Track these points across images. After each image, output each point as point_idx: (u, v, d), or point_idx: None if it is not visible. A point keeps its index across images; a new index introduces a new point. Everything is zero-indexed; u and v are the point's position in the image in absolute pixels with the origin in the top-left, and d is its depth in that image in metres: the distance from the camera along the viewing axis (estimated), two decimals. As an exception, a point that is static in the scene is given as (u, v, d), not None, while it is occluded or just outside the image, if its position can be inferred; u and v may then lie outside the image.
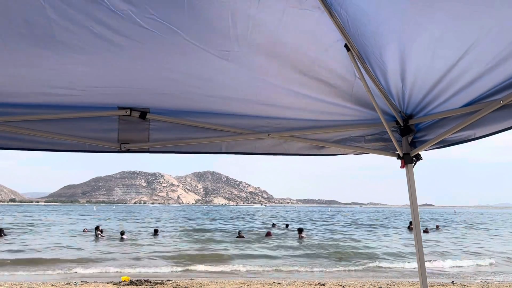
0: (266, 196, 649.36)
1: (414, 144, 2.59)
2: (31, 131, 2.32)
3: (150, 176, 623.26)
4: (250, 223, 46.50)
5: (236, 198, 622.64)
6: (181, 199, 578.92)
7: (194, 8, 1.68)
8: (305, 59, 2.05)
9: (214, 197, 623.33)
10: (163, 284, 11.40)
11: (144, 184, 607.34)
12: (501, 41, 1.65)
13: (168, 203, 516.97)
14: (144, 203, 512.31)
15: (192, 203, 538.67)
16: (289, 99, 2.39)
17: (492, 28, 1.60)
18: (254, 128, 2.59)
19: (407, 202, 2.67)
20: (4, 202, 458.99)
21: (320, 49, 1.99)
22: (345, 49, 1.94)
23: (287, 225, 37.26)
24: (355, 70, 2.11)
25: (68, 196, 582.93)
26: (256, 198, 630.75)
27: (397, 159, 2.63)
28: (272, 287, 11.10)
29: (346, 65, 2.07)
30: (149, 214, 75.38)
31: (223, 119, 2.53)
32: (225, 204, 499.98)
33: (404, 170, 2.61)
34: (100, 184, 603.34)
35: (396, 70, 2.06)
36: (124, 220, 50.31)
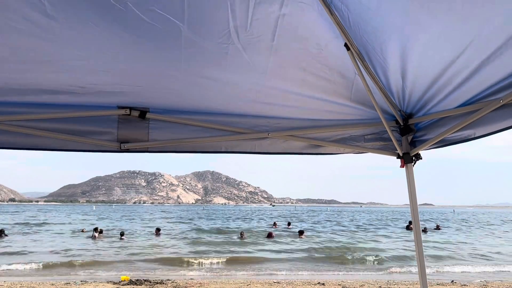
0: (265, 196, 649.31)
1: (414, 144, 2.59)
2: (30, 130, 2.31)
3: (149, 176, 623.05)
4: (255, 222, 46.34)
5: (236, 198, 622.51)
6: (181, 199, 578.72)
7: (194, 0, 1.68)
8: (304, 56, 2.04)
9: (214, 196, 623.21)
10: (163, 283, 11.40)
11: (144, 184, 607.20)
12: (501, 38, 1.64)
13: (168, 203, 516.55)
14: (144, 202, 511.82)
15: (192, 203, 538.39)
16: (288, 98, 2.38)
17: (492, 24, 1.60)
18: (254, 128, 2.58)
19: (407, 201, 2.67)
20: (3, 201, 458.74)
21: (319, 45, 1.98)
22: (344, 47, 1.94)
23: (289, 223, 37.22)
24: (354, 69, 2.11)
25: (67, 195, 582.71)
26: (256, 197, 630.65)
27: (396, 158, 2.63)
28: (272, 286, 11.10)
29: (345, 63, 2.07)
30: (148, 214, 75.35)
31: (223, 119, 2.53)
32: (224, 204, 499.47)
33: (403, 169, 2.61)
34: (100, 183, 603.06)
35: (397, 67, 2.06)
36: (123, 220, 50.28)
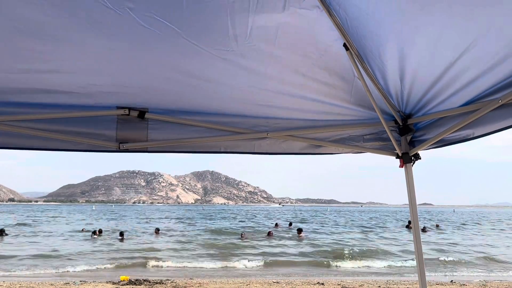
0: (265, 196, 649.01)
1: (413, 144, 2.59)
2: (29, 131, 2.31)
3: (149, 176, 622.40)
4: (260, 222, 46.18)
5: (235, 198, 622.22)
6: (180, 199, 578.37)
7: (193, 6, 1.68)
8: (304, 58, 2.05)
9: (214, 196, 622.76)
10: (162, 283, 11.40)
11: (143, 184, 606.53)
12: (499, 40, 1.65)
13: (167, 203, 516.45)
14: (143, 202, 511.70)
15: (192, 203, 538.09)
16: (287, 98, 2.38)
17: (490, 27, 1.60)
18: (253, 128, 2.58)
19: (406, 201, 2.67)
20: (3, 201, 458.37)
21: (319, 48, 1.99)
22: (343, 48, 1.94)
23: (291, 223, 37.17)
24: (354, 70, 2.11)
25: (67, 195, 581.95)
26: (255, 197, 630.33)
27: (396, 158, 2.63)
28: (271, 286, 11.11)
29: (345, 64, 2.07)
30: (148, 214, 75.32)
31: (222, 119, 2.53)
32: (224, 204, 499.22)
33: (403, 169, 2.61)
34: (99, 183, 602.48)
35: (395, 70, 2.06)
36: (123, 220, 50.25)
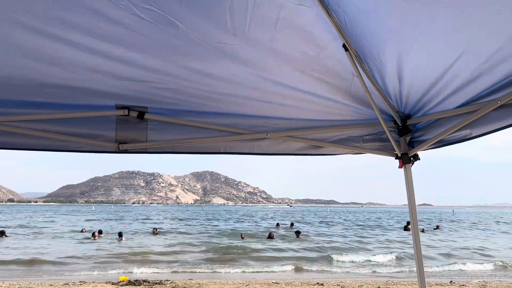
0: (264, 196, 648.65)
1: (412, 144, 2.60)
2: (29, 131, 2.31)
3: (148, 176, 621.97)
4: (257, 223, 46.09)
5: (235, 198, 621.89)
6: (179, 199, 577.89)
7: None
8: (302, 57, 2.05)
9: (213, 197, 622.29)
10: (162, 284, 11.39)
11: (143, 184, 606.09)
12: (498, 39, 1.65)
13: (167, 203, 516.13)
14: (143, 203, 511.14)
15: (191, 203, 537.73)
16: (287, 99, 2.38)
17: (489, 26, 1.60)
18: (253, 128, 2.58)
19: (405, 202, 2.67)
20: (2, 202, 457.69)
21: (318, 47, 1.99)
22: (342, 48, 1.94)
23: (292, 223, 37.11)
24: (353, 70, 2.11)
25: (66, 196, 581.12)
26: (255, 198, 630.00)
27: (395, 159, 2.63)
28: (271, 287, 11.10)
29: (344, 64, 2.07)
30: (147, 214, 75.26)
31: (222, 119, 2.53)
32: (223, 204, 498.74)
33: (402, 170, 2.61)
34: (99, 184, 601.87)
35: (394, 70, 2.06)
36: (122, 220, 50.20)
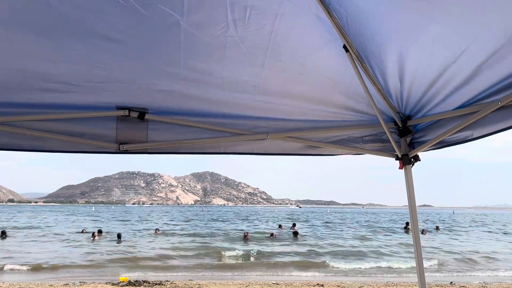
0: (265, 197, 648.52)
1: (412, 145, 2.59)
2: (29, 132, 2.31)
3: (149, 177, 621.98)
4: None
5: (235, 199, 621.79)
6: (180, 200, 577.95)
7: None
8: (303, 57, 2.05)
9: (213, 197, 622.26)
10: (162, 284, 11.39)
11: (143, 185, 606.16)
12: (499, 40, 1.65)
13: (167, 204, 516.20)
14: (143, 203, 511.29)
15: (191, 204, 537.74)
16: (287, 99, 2.39)
17: (490, 27, 1.60)
18: (253, 129, 2.58)
19: (406, 203, 2.67)
20: (2, 202, 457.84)
21: (318, 47, 1.99)
22: (343, 49, 1.94)
23: (294, 224, 37.07)
24: (353, 71, 2.11)
25: (66, 196, 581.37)
26: (255, 198, 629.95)
27: (395, 160, 2.63)
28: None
29: (344, 64, 2.07)
30: (147, 215, 75.25)
31: (222, 120, 2.53)
32: (223, 205, 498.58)
33: (402, 170, 2.61)
34: (99, 184, 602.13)
35: (395, 70, 2.07)
36: (122, 221, 50.20)
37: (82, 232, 29.25)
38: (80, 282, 11.74)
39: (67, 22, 1.75)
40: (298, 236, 26.52)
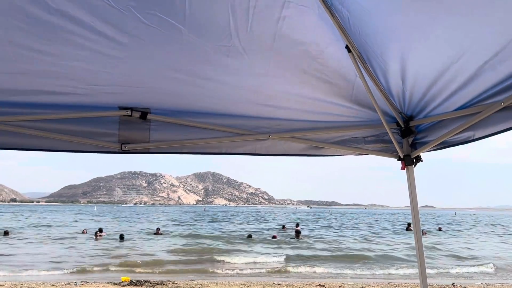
0: (266, 197, 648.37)
1: (414, 146, 2.59)
2: (31, 131, 2.32)
3: (150, 177, 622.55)
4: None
5: (237, 199, 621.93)
6: (181, 200, 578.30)
7: (195, 2, 1.69)
8: (305, 57, 2.05)
9: (215, 198, 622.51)
10: (163, 284, 11.40)
11: (145, 185, 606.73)
12: (501, 40, 1.64)
13: (169, 204, 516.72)
14: (145, 203, 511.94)
15: (193, 204, 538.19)
16: (289, 99, 2.39)
17: (492, 27, 1.60)
18: (255, 129, 2.58)
19: (407, 203, 2.67)
20: (4, 202, 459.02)
21: (320, 48, 1.99)
22: (345, 49, 1.94)
23: (298, 224, 37.03)
24: (355, 71, 2.11)
25: (68, 196, 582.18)
26: (257, 199, 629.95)
27: (397, 160, 2.63)
28: (272, 288, 11.09)
29: (346, 64, 2.07)
30: (149, 214, 75.33)
31: (224, 120, 2.53)
32: (225, 205, 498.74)
33: (404, 171, 2.61)
34: (101, 184, 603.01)
35: (397, 70, 2.06)
36: (124, 221, 50.27)
37: (83, 232, 29.28)
38: (82, 282, 11.76)
39: (71, 25, 1.76)
40: (300, 237, 26.47)
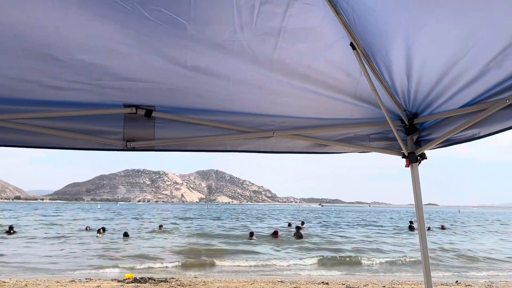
0: (269, 195, 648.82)
1: (419, 143, 2.59)
2: (36, 129, 2.33)
3: (154, 174, 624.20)
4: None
5: (240, 197, 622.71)
6: (185, 198, 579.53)
7: None
8: (309, 55, 2.05)
9: (218, 195, 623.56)
10: (167, 281, 11.44)
11: (148, 182, 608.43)
12: (506, 37, 1.64)
13: (172, 201, 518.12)
14: (148, 201, 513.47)
15: (196, 202, 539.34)
16: (293, 97, 2.39)
17: (497, 24, 1.60)
18: (259, 127, 2.59)
19: (411, 201, 2.67)
20: (9, 199, 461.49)
21: (324, 45, 1.99)
22: (350, 46, 1.94)
23: (303, 222, 37.01)
24: (360, 68, 2.11)
25: (72, 194, 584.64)
26: (260, 197, 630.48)
27: (402, 158, 2.63)
28: (276, 285, 11.11)
29: (351, 62, 2.07)
30: (153, 212, 75.55)
31: (228, 117, 2.54)
32: (228, 203, 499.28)
33: (407, 169, 2.61)
34: (104, 182, 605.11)
35: (402, 68, 2.06)
36: (128, 218, 50.45)
37: (86, 229, 29.41)
38: (86, 279, 11.83)
39: (76, 24, 1.77)
40: (302, 234, 26.46)
